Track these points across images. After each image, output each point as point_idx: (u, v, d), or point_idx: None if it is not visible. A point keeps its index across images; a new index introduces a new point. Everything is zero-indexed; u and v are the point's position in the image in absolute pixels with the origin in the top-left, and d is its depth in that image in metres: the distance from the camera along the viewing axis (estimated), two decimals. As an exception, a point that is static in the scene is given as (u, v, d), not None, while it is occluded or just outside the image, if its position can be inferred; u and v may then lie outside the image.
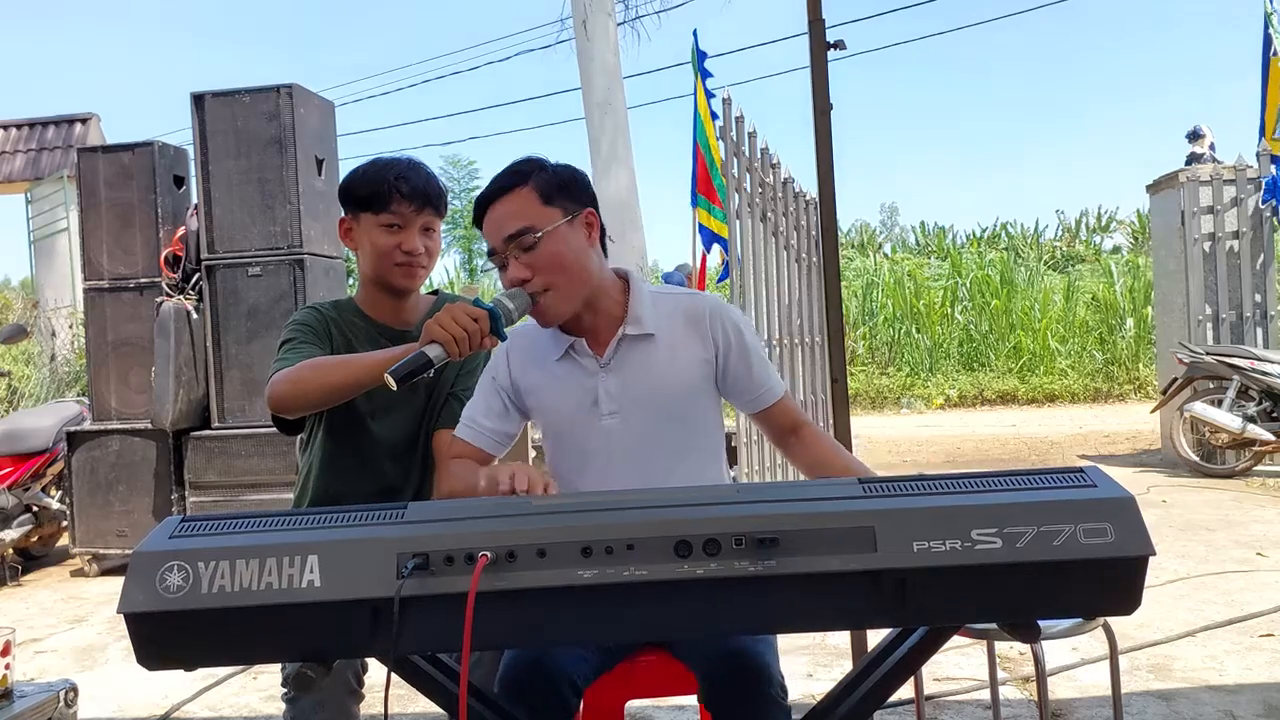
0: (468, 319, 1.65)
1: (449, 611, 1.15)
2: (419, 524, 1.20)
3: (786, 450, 1.93)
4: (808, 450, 1.89)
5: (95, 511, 5.48)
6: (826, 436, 1.98)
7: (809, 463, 1.89)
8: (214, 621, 1.16)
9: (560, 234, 1.73)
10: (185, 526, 1.23)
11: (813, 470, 1.88)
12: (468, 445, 1.89)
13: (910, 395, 13.96)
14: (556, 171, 1.78)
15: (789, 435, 1.91)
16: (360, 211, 2.03)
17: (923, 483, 1.25)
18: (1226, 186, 7.51)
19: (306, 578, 1.15)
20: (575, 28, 9.81)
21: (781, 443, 1.94)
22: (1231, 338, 7.47)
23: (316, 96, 5.55)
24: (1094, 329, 14.79)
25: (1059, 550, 1.15)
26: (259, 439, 5.17)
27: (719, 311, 1.86)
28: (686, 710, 3.08)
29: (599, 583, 1.16)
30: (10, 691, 2.03)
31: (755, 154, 5.33)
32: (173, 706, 3.43)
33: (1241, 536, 5.20)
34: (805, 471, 1.91)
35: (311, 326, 2.04)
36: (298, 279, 5.19)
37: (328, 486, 2.10)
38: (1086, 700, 3.05)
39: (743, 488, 1.30)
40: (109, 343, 5.61)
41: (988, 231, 20.91)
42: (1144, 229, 17.58)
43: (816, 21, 2.47)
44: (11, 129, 13.61)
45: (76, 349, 11.43)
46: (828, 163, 2.51)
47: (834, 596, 1.20)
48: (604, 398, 1.82)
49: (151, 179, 5.54)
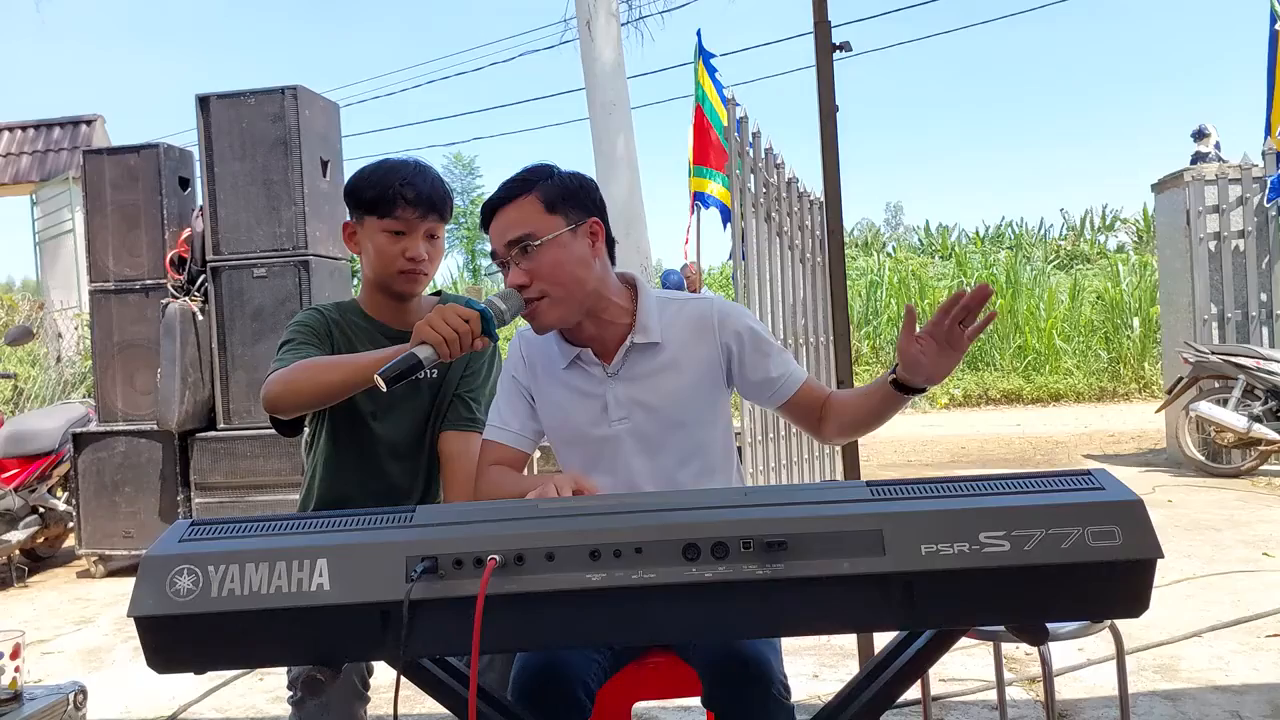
0: (459, 320, 1.66)
1: (458, 615, 1.15)
2: (428, 527, 1.20)
3: (823, 426, 1.87)
4: (838, 413, 1.84)
5: (101, 513, 5.49)
6: (844, 392, 1.94)
7: (845, 420, 1.84)
8: (223, 625, 1.16)
9: (561, 242, 1.74)
10: (194, 530, 1.23)
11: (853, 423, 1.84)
12: (502, 448, 1.89)
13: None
14: (563, 180, 1.78)
15: (819, 411, 1.87)
16: (365, 214, 2.03)
17: (930, 486, 1.25)
18: (1232, 185, 7.49)
19: (316, 581, 1.16)
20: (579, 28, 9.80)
21: (814, 423, 1.89)
22: (1237, 337, 7.46)
23: (321, 98, 5.56)
24: (1099, 328, 14.76)
25: (1067, 553, 1.15)
26: (265, 440, 5.18)
27: (725, 315, 1.86)
28: (692, 711, 3.08)
29: (607, 586, 1.16)
30: (20, 694, 2.04)
31: (760, 154, 5.33)
32: (180, 708, 3.44)
33: (1247, 536, 5.19)
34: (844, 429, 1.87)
35: (311, 327, 2.04)
36: (303, 280, 5.20)
37: (332, 488, 2.11)
38: (1093, 700, 3.04)
39: (751, 491, 1.30)
40: (115, 344, 5.62)
41: (992, 230, 20.89)
42: (1149, 228, 17.54)
43: (822, 23, 2.47)
44: (17, 131, 13.64)
45: (82, 350, 11.45)
46: (834, 166, 2.51)
47: (842, 600, 1.19)
48: (613, 405, 1.82)
49: (157, 180, 5.55)
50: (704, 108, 6.96)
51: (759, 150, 5.33)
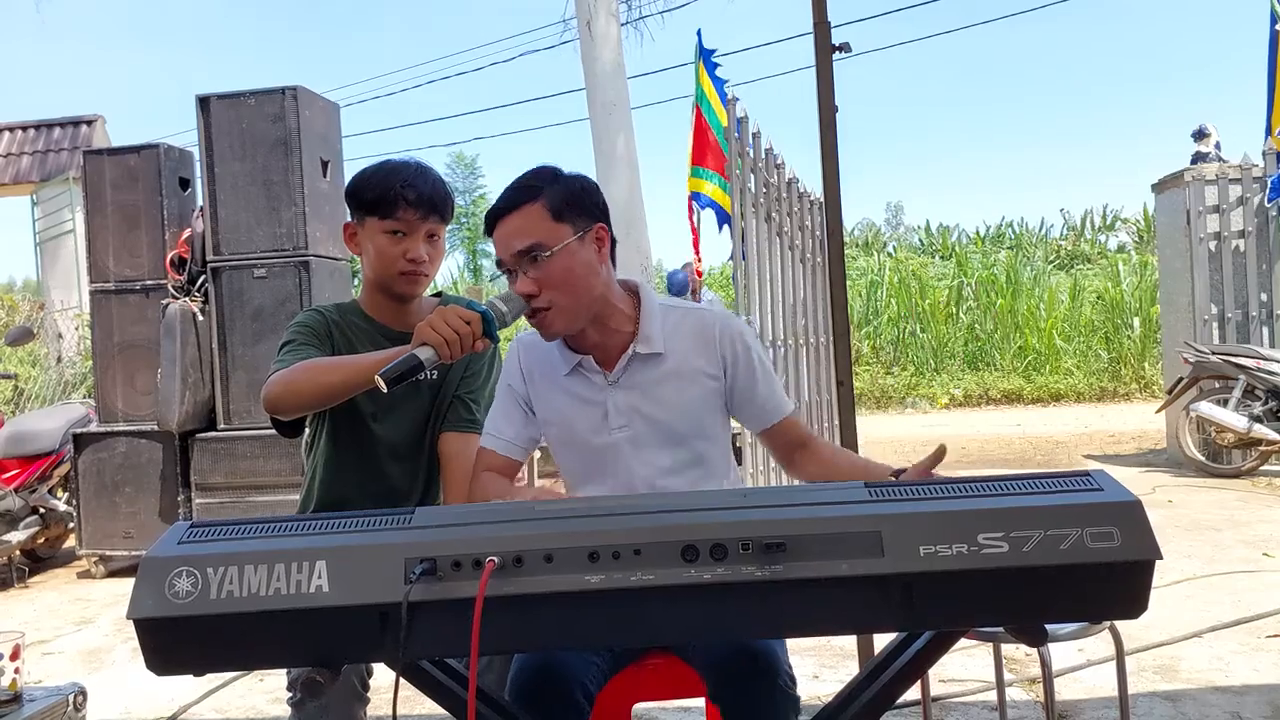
0: (460, 321, 1.66)
1: (457, 616, 1.15)
2: (427, 529, 1.21)
3: (793, 466, 1.91)
4: (817, 462, 1.88)
5: (102, 513, 5.49)
6: (835, 447, 1.98)
7: (818, 474, 1.87)
8: (223, 627, 1.16)
9: (570, 251, 1.74)
10: (194, 532, 1.23)
11: (826, 479, 1.85)
12: (494, 455, 1.90)
13: (915, 395, 13.95)
14: (568, 185, 1.78)
15: (796, 451, 1.91)
16: (366, 215, 2.03)
17: (929, 487, 1.25)
18: (1232, 185, 7.49)
19: (315, 583, 1.16)
20: (579, 28, 9.80)
21: (788, 459, 1.92)
22: (1237, 337, 7.45)
23: (321, 98, 5.56)
24: (1100, 328, 14.76)
25: (1066, 554, 1.15)
26: (265, 441, 5.17)
27: (728, 329, 1.87)
28: (692, 713, 3.08)
29: (606, 587, 1.16)
30: (20, 695, 2.04)
31: (760, 154, 5.33)
32: (180, 709, 3.44)
33: (1248, 536, 5.19)
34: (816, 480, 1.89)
35: (311, 328, 2.05)
36: (303, 281, 5.20)
37: (332, 488, 2.11)
38: (1092, 701, 3.04)
39: (750, 492, 1.30)
40: (115, 344, 5.62)
41: (993, 230, 20.88)
42: (1149, 228, 17.53)
43: (822, 24, 2.46)
44: (18, 131, 13.65)
45: (82, 351, 11.45)
46: (833, 167, 2.51)
47: (841, 601, 1.19)
48: (613, 413, 1.83)
49: (157, 181, 5.55)
50: (702, 108, 6.96)
51: (759, 150, 5.33)
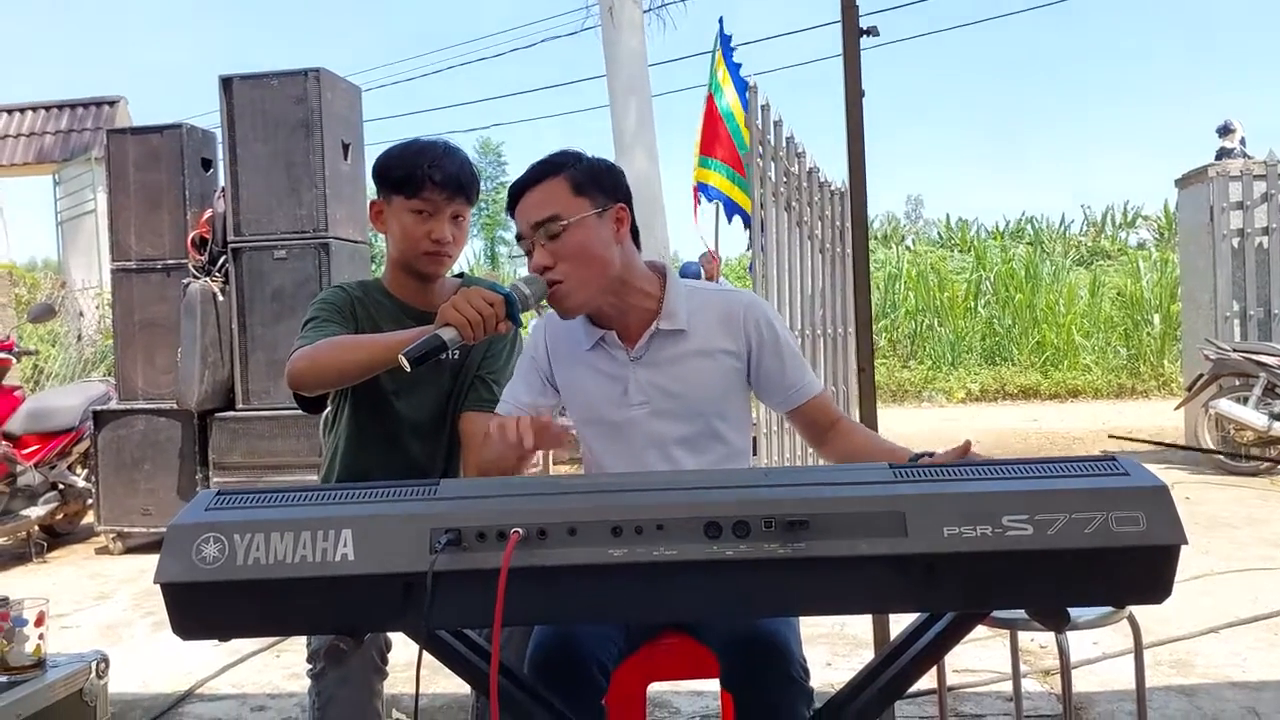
0: (483, 303, 1.67)
1: (480, 587, 1.15)
2: (452, 500, 1.21)
3: (823, 446, 1.90)
4: (846, 440, 1.87)
5: (120, 490, 5.54)
6: (865, 429, 1.97)
7: (847, 452, 1.86)
8: (248, 593, 1.17)
9: (587, 225, 1.74)
10: (220, 500, 1.24)
11: (853, 459, 1.84)
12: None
13: (931, 389, 13.90)
14: (591, 165, 1.80)
15: (826, 431, 1.90)
16: (392, 194, 2.04)
17: (953, 468, 1.24)
18: (1257, 182, 7.43)
19: (340, 551, 1.16)
20: (601, 14, 9.79)
21: (819, 439, 1.91)
22: (1259, 335, 7.40)
23: (344, 81, 5.57)
24: (1119, 324, 14.67)
25: (1090, 538, 1.15)
26: (283, 420, 5.21)
27: (753, 309, 1.87)
28: (705, 695, 3.09)
29: (628, 562, 1.17)
30: (44, 661, 2.07)
31: (781, 143, 5.31)
32: (197, 683, 3.47)
33: (1266, 534, 5.16)
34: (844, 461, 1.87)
35: (336, 305, 2.06)
36: (323, 262, 5.23)
37: (353, 465, 2.12)
38: (1107, 694, 3.04)
39: (772, 471, 1.31)
40: (135, 323, 5.66)
41: (1012, 225, 20.74)
42: (1170, 224, 17.39)
43: (850, 7, 2.45)
44: (40, 110, 13.73)
45: (103, 329, 11.54)
46: (859, 149, 2.49)
47: (863, 580, 1.19)
48: (634, 388, 1.84)
49: (180, 161, 5.58)
50: (715, 98, 6.90)
51: (779, 139, 5.31)
